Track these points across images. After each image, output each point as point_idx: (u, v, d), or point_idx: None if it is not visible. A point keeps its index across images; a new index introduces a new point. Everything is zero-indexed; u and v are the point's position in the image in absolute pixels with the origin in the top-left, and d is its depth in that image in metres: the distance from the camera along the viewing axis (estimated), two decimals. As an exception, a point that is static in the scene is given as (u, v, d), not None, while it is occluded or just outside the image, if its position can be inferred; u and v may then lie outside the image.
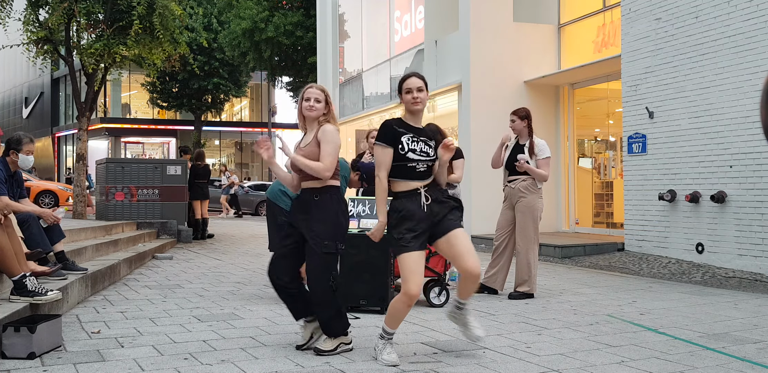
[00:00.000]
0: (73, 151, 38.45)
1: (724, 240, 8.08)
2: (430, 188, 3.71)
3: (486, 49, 11.70)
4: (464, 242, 3.66)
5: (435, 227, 3.68)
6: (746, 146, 7.84)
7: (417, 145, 3.68)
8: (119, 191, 10.82)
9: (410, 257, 3.59)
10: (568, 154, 12.12)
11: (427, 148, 3.70)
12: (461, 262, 3.64)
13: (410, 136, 3.69)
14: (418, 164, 3.66)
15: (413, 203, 3.65)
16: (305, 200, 3.85)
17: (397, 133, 3.67)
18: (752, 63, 7.74)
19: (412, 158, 3.65)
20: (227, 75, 31.79)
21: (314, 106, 3.87)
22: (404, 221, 3.64)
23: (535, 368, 3.58)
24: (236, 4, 24.47)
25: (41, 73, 40.32)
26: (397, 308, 3.68)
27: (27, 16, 11.69)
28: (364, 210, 5.40)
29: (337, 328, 3.82)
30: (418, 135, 3.72)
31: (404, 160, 3.65)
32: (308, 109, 3.87)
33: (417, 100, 3.70)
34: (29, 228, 5.05)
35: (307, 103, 3.87)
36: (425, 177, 3.70)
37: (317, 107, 3.87)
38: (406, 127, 3.72)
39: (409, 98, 3.71)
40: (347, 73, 18.89)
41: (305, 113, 3.90)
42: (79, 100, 12.32)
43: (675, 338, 4.35)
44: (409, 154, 3.65)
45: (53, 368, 3.44)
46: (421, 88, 3.72)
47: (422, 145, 3.69)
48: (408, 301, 3.62)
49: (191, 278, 7.01)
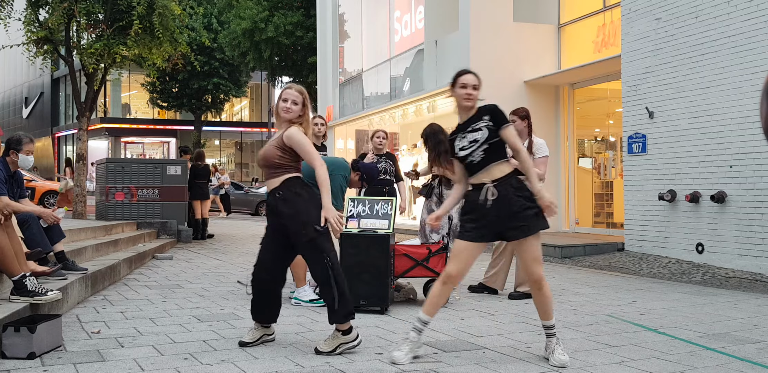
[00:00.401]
0: (73, 151, 38.44)
1: (724, 240, 8.08)
2: (502, 183, 3.67)
3: (486, 49, 11.70)
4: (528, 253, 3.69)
5: (501, 227, 3.67)
6: (746, 146, 7.84)
7: (463, 140, 3.75)
8: (119, 190, 10.82)
9: (461, 244, 3.71)
10: (568, 154, 12.12)
11: (473, 136, 3.72)
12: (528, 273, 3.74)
13: (457, 135, 3.80)
14: (470, 156, 3.72)
15: (479, 196, 3.69)
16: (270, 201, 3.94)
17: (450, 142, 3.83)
18: (752, 63, 7.74)
19: (463, 155, 3.74)
20: (227, 75, 31.80)
21: (291, 108, 3.91)
22: (470, 211, 3.73)
23: (535, 368, 3.58)
24: (236, 4, 24.47)
25: (41, 73, 40.32)
26: (432, 291, 3.75)
27: (27, 16, 11.68)
28: (364, 210, 5.40)
29: (340, 314, 3.78)
30: (464, 129, 3.78)
31: (461, 160, 3.79)
32: (284, 111, 3.92)
33: (470, 97, 3.79)
34: (29, 228, 5.05)
35: (284, 104, 3.91)
36: (486, 165, 3.69)
37: (293, 109, 3.91)
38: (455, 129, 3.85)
39: (463, 93, 3.79)
40: (347, 73, 18.88)
41: (281, 114, 3.95)
42: (79, 100, 12.32)
43: (675, 338, 4.35)
44: (460, 152, 3.76)
45: (53, 368, 3.44)
46: (476, 87, 3.82)
47: (468, 135, 3.74)
48: (444, 278, 3.71)
49: (191, 278, 7.01)
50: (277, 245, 3.95)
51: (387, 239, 5.13)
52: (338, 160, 5.61)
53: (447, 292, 3.75)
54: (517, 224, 3.62)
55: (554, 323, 3.76)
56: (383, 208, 5.38)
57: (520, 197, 3.64)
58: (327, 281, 3.79)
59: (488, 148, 3.69)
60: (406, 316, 5.00)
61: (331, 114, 18.77)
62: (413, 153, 14.48)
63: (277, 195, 3.89)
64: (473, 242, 3.68)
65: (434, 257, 5.42)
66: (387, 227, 5.27)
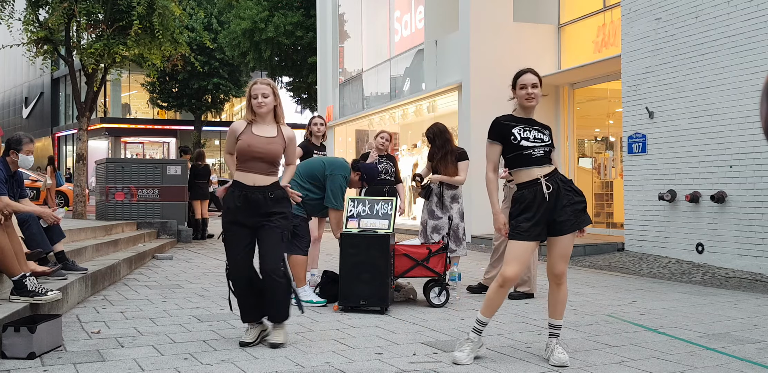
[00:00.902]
0: (73, 151, 38.44)
1: (724, 240, 8.08)
2: (551, 178, 3.72)
3: (486, 49, 11.70)
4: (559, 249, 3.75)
5: (552, 220, 3.69)
6: (746, 146, 7.84)
7: (530, 133, 3.75)
8: (119, 190, 10.82)
9: (519, 244, 3.68)
10: (568, 154, 12.12)
11: (541, 135, 3.76)
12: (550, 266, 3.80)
13: (522, 126, 3.77)
14: (534, 150, 3.71)
15: (534, 192, 3.69)
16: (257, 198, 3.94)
17: (506, 127, 3.77)
18: (752, 63, 7.74)
19: (526, 146, 3.71)
20: (227, 75, 31.79)
21: (263, 102, 4.00)
22: (525, 211, 3.70)
23: (535, 368, 3.58)
24: (236, 4, 24.46)
25: (41, 73, 40.32)
26: (489, 294, 3.74)
27: (27, 16, 11.69)
28: (364, 210, 5.40)
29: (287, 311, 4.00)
30: (531, 124, 3.80)
31: (519, 149, 3.72)
32: (258, 106, 3.99)
33: (531, 96, 3.79)
34: (29, 228, 5.05)
35: (256, 100, 3.99)
36: (543, 162, 3.73)
37: (266, 102, 4.00)
38: (516, 120, 3.81)
39: (523, 94, 3.81)
40: (347, 73, 18.88)
41: (256, 111, 4.01)
42: (79, 100, 12.32)
43: (675, 338, 4.35)
44: (522, 142, 3.72)
45: (53, 368, 3.44)
46: (536, 85, 3.81)
47: (535, 132, 3.76)
48: (501, 281, 3.69)
49: (191, 278, 7.01)
50: (246, 242, 3.99)
51: (387, 239, 5.13)
52: (338, 160, 5.61)
53: (503, 294, 3.73)
54: (565, 217, 3.67)
55: (562, 323, 3.79)
56: (383, 208, 5.38)
57: (569, 191, 3.71)
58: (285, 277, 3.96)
59: (548, 151, 3.77)
60: (406, 316, 5.00)
61: (331, 114, 18.77)
62: (413, 153, 14.47)
63: (270, 195, 3.94)
64: (531, 241, 3.68)
65: (434, 257, 5.42)
66: (387, 227, 5.27)
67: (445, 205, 6.23)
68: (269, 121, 4.06)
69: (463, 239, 6.25)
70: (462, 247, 6.21)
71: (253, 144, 3.95)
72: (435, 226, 6.20)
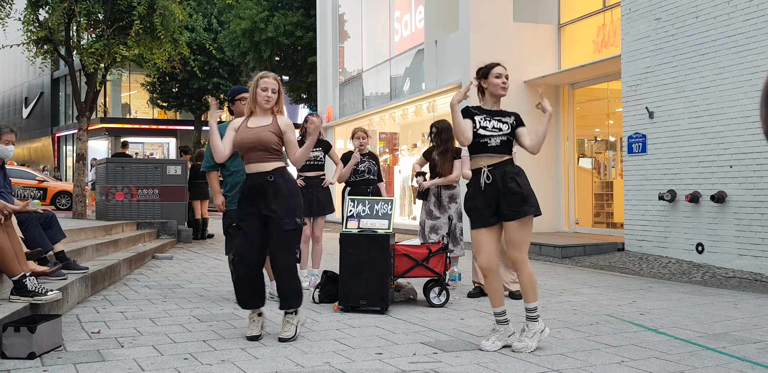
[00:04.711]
0: (73, 151, 38.43)
1: (724, 240, 8.08)
2: (496, 168, 3.94)
3: (486, 49, 11.69)
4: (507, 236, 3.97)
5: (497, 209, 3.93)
6: (746, 146, 7.84)
7: (489, 123, 4.01)
8: (119, 190, 10.82)
9: (474, 232, 4.00)
10: (568, 154, 12.11)
11: (500, 125, 4.02)
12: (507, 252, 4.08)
13: (483, 116, 4.02)
14: (489, 140, 3.97)
15: (477, 181, 3.96)
16: (257, 183, 4.01)
17: (471, 114, 4.03)
18: (752, 63, 7.74)
19: (483, 134, 3.97)
20: (227, 75, 31.77)
21: (271, 97, 4.07)
22: (471, 198, 4.01)
23: (535, 368, 3.58)
24: (236, 4, 24.46)
25: (41, 73, 40.29)
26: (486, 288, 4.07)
27: (27, 16, 11.68)
28: (364, 210, 5.40)
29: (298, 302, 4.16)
30: (492, 115, 4.05)
31: (476, 137, 3.97)
32: (266, 101, 4.06)
33: (505, 86, 4.08)
34: (29, 228, 5.04)
35: (264, 93, 4.05)
36: (499, 152, 3.97)
37: (274, 98, 4.08)
38: (479, 110, 4.07)
39: (499, 82, 4.07)
40: (347, 73, 18.88)
41: (263, 104, 4.07)
42: (79, 100, 12.31)
43: (675, 338, 4.35)
44: (480, 130, 3.98)
45: (53, 368, 3.44)
46: (507, 77, 4.11)
47: (495, 122, 4.01)
48: (483, 273, 4.00)
49: (191, 278, 7.01)
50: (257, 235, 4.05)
51: (387, 239, 5.13)
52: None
53: (495, 281, 3.99)
54: (505, 207, 3.91)
55: (534, 306, 3.96)
56: (383, 208, 5.38)
57: (512, 182, 3.92)
58: (292, 270, 4.07)
59: (505, 140, 3.99)
60: (406, 316, 5.00)
61: (331, 114, 18.78)
62: (413, 153, 14.47)
63: (269, 178, 4.01)
64: (482, 228, 3.94)
65: (434, 257, 5.42)
66: (387, 227, 5.27)
67: (443, 205, 6.22)
68: (267, 113, 4.14)
69: (461, 239, 6.24)
70: (459, 247, 6.20)
71: (244, 137, 4.07)
72: (433, 226, 6.19)
